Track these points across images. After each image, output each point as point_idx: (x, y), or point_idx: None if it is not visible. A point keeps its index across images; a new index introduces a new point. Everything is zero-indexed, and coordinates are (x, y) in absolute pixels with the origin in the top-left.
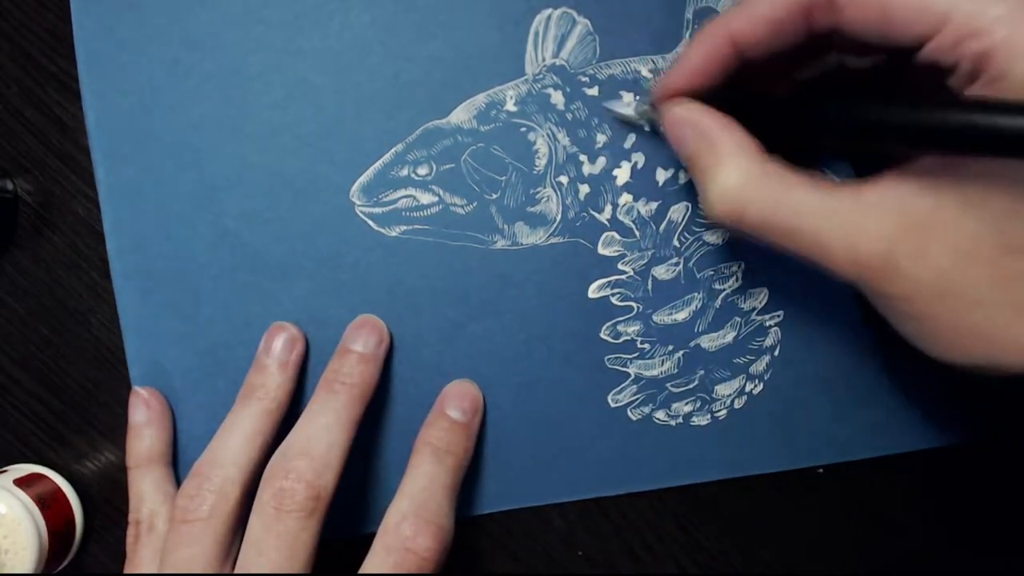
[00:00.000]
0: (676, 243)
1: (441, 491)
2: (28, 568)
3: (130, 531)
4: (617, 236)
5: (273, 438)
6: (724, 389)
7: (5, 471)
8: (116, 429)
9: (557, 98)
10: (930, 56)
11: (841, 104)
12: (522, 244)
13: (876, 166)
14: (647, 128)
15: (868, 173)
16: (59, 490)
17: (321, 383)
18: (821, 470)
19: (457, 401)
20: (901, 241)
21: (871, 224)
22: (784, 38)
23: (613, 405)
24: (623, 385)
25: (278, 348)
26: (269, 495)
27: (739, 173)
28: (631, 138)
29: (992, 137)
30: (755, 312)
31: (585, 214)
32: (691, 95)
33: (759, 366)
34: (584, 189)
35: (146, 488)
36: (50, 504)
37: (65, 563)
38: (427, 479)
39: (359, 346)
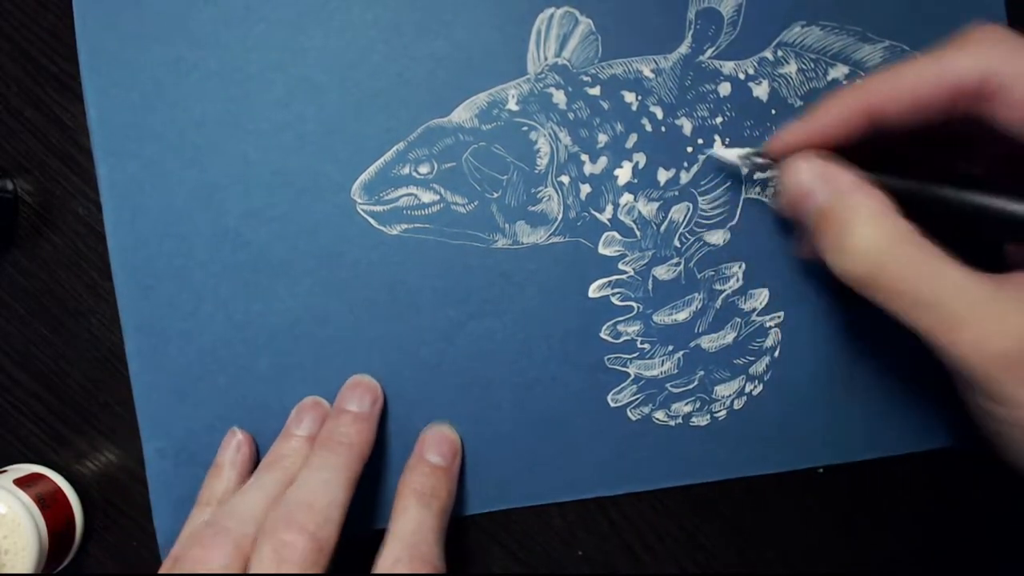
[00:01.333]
0: (677, 243)
1: (431, 534)
2: (28, 568)
3: (165, 564)
4: (618, 236)
5: None
6: (724, 390)
7: (5, 471)
8: (116, 429)
9: (559, 97)
10: None
11: (982, 194)
12: (523, 243)
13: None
14: (745, 172)
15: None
16: (59, 490)
17: (318, 443)
18: (821, 470)
19: (436, 446)
20: None
21: (1009, 320)
22: (924, 117)
23: (613, 405)
24: (623, 385)
25: (308, 422)
26: (269, 548)
27: (881, 233)
28: (632, 138)
29: None
30: (755, 313)
31: (586, 214)
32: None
33: (759, 367)
34: (585, 189)
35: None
36: (50, 504)
37: (65, 563)
38: (416, 523)
39: (354, 406)
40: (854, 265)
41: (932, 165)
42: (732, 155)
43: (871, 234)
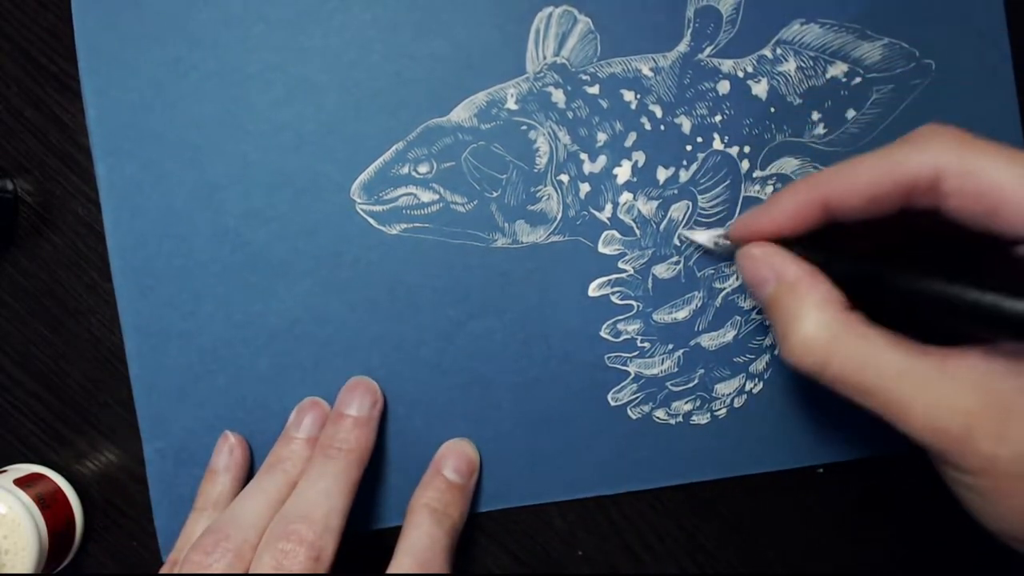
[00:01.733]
0: (676, 242)
1: (442, 552)
2: (28, 568)
3: (164, 566)
4: (617, 234)
5: None
6: (724, 388)
7: (5, 471)
8: (116, 429)
9: (558, 96)
10: None
11: (933, 281)
12: (522, 242)
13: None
14: (719, 257)
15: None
16: (59, 490)
17: (318, 448)
18: (821, 470)
19: (454, 462)
20: (981, 418)
21: (953, 397)
22: (879, 211)
23: (613, 404)
24: (623, 384)
25: (308, 424)
26: (269, 557)
27: (824, 326)
28: (632, 136)
29: None
30: (755, 311)
31: (586, 212)
32: (771, 240)
33: (759, 365)
34: (585, 187)
35: (198, 532)
36: (50, 504)
37: (65, 563)
38: (428, 539)
39: (353, 410)
40: (801, 357)
41: (892, 249)
42: (703, 237)
43: (814, 328)
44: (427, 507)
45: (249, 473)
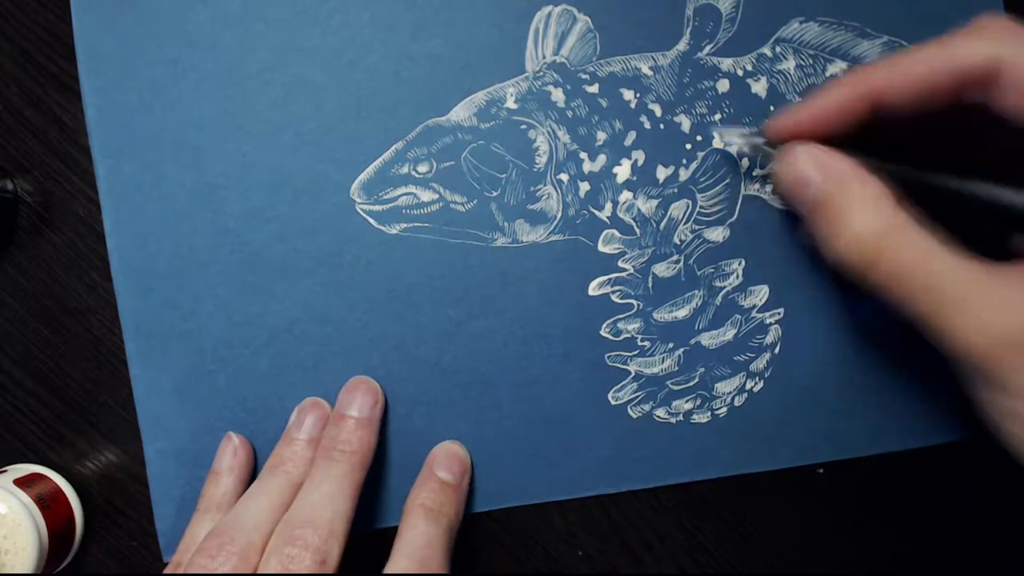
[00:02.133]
0: (676, 240)
1: (439, 550)
2: (28, 568)
3: (168, 568)
4: (617, 233)
5: None
6: (724, 387)
7: (5, 471)
8: (116, 429)
9: (557, 95)
10: None
11: (985, 184)
12: (522, 242)
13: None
14: (747, 160)
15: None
16: (59, 490)
17: (320, 451)
18: (821, 470)
19: (446, 463)
20: None
21: (1010, 307)
22: (930, 103)
23: (613, 403)
24: (623, 383)
25: (309, 425)
26: (276, 562)
27: (879, 219)
28: (631, 135)
29: None
30: (755, 310)
31: (585, 212)
32: (814, 139)
33: (759, 364)
34: (584, 187)
35: (202, 534)
36: (50, 504)
37: (65, 563)
38: (425, 538)
39: (355, 411)
40: (850, 252)
41: (935, 154)
42: (735, 135)
43: (868, 220)
44: (422, 507)
45: (252, 474)
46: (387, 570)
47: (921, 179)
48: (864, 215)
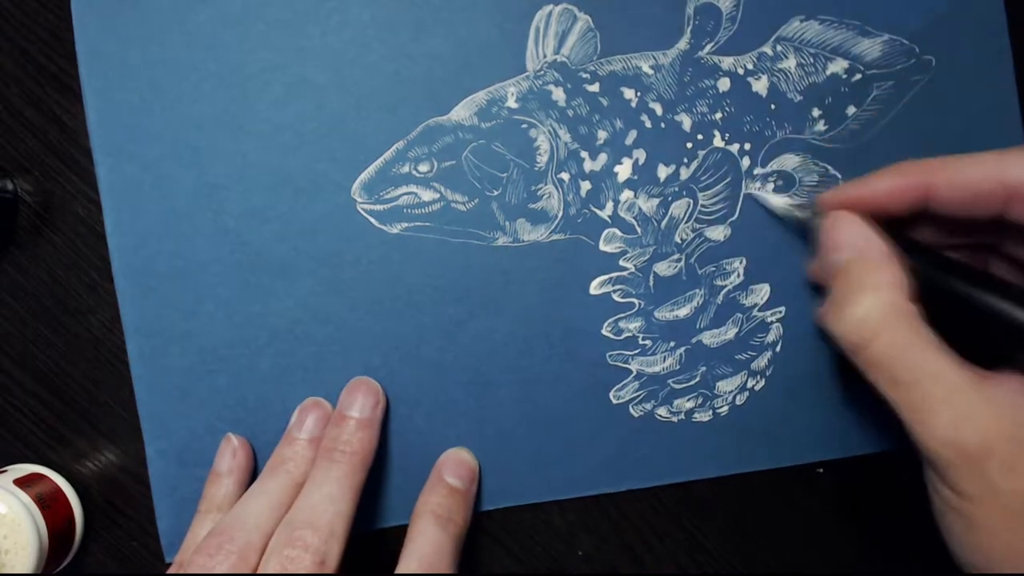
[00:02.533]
0: (678, 239)
1: (448, 556)
2: (28, 568)
3: (172, 568)
4: (618, 232)
5: None
6: (726, 385)
7: (5, 471)
8: (116, 429)
9: (558, 94)
10: None
11: (1004, 299)
12: (523, 241)
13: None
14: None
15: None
16: (59, 490)
17: (321, 451)
18: (821, 470)
19: (454, 469)
20: (1002, 444)
21: (981, 415)
22: (976, 211)
23: (615, 402)
24: (625, 382)
25: (310, 424)
26: (275, 562)
27: (886, 306)
28: (632, 134)
29: None
30: (757, 308)
31: (586, 210)
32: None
33: (761, 362)
34: (585, 185)
35: (204, 535)
36: (50, 504)
37: (65, 563)
38: (433, 545)
39: (356, 411)
40: (848, 329)
41: (970, 258)
42: (779, 202)
43: (872, 305)
44: (432, 513)
45: (252, 475)
46: (397, 571)
47: (947, 284)
48: (874, 297)
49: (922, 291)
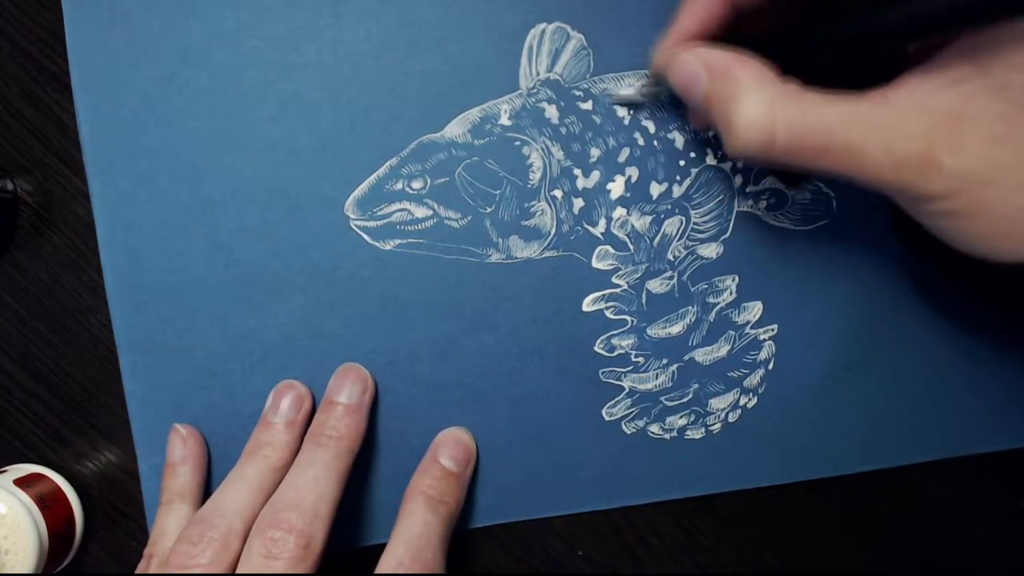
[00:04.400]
0: (670, 257)
1: (436, 539)
2: (28, 568)
3: (142, 562)
4: (611, 250)
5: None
6: (718, 403)
7: (5, 471)
8: (116, 429)
9: (551, 112)
10: None
11: (840, 19)
12: (516, 258)
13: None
14: (648, 104)
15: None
16: (59, 490)
17: (308, 436)
18: None
19: (451, 450)
20: (937, 137)
21: (905, 125)
22: None
23: (607, 419)
24: (617, 399)
25: (285, 408)
26: (259, 544)
27: (765, 98)
28: (625, 152)
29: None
30: (749, 326)
31: (579, 228)
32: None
33: (753, 380)
34: (578, 203)
35: (169, 525)
36: (50, 504)
37: (65, 563)
38: (422, 527)
39: (343, 397)
40: (748, 137)
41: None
42: (629, 91)
43: (754, 104)
44: (423, 494)
45: (207, 461)
46: (384, 557)
47: (796, 45)
48: (750, 97)
49: (783, 67)
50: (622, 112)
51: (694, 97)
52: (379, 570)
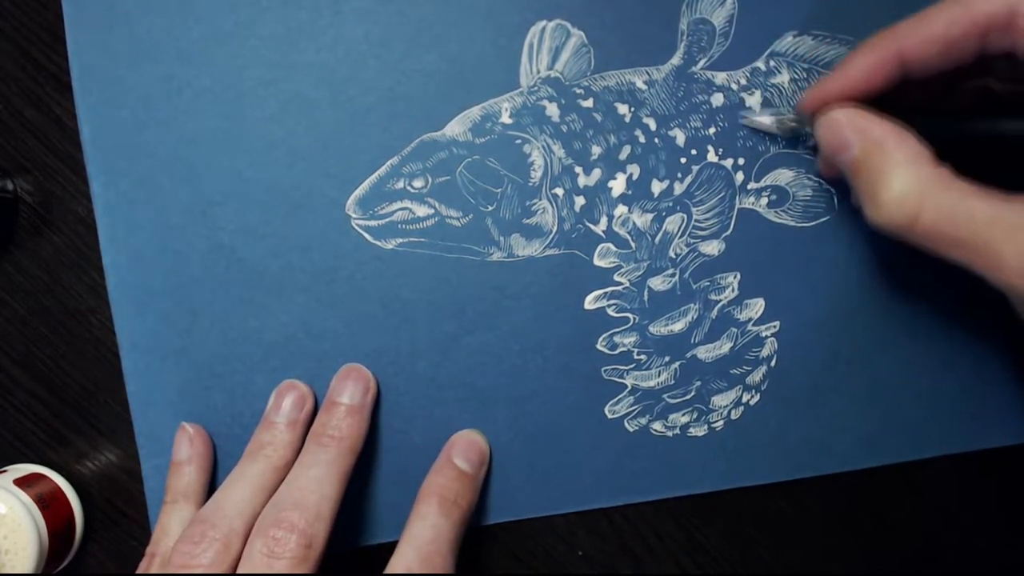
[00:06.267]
0: (672, 254)
1: (446, 544)
2: (28, 568)
3: (144, 561)
4: (613, 247)
5: None
6: (721, 400)
7: (5, 471)
8: (116, 429)
9: (552, 110)
10: None
11: (1014, 122)
12: (518, 256)
13: None
14: (780, 138)
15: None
16: (59, 490)
17: (310, 436)
18: None
19: (465, 451)
20: None
21: None
22: (955, 58)
23: (610, 416)
24: (620, 396)
25: (287, 407)
26: (261, 544)
27: (917, 179)
28: (626, 149)
29: None
30: (751, 323)
31: (581, 226)
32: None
33: (756, 377)
34: (580, 201)
35: (172, 524)
36: (50, 504)
37: (65, 563)
38: (434, 531)
39: (346, 398)
40: (892, 214)
41: (966, 108)
42: (766, 119)
43: (904, 182)
44: (437, 495)
45: (213, 461)
46: (393, 560)
47: (955, 128)
48: (902, 175)
49: (940, 150)
50: (623, 110)
51: (841, 162)
52: (388, 571)
